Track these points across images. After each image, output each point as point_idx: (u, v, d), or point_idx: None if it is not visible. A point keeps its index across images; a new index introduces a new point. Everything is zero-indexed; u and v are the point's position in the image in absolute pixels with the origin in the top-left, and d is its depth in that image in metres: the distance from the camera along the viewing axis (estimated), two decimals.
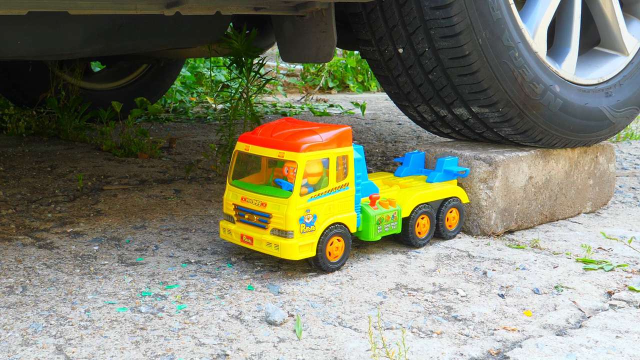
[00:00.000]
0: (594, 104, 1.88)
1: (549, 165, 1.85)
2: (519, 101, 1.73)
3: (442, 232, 1.69)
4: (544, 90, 1.76)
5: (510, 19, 1.70)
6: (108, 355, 1.11)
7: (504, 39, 1.68)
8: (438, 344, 1.19)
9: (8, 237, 1.66)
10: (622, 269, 1.56)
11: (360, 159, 1.52)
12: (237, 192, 1.48)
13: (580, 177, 1.94)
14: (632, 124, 3.62)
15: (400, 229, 1.58)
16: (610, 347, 1.19)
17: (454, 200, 1.69)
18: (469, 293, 1.41)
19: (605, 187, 2.02)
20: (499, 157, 1.73)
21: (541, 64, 1.77)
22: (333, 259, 1.47)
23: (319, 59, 1.79)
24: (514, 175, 1.77)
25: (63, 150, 2.64)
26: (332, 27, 1.72)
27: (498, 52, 1.68)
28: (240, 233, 1.47)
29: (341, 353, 1.14)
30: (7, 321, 1.22)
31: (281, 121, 1.52)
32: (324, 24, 1.73)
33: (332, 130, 1.45)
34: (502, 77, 1.70)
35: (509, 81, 1.70)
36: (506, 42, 1.69)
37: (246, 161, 1.51)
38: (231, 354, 1.13)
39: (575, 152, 1.91)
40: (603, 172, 2.00)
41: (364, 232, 1.52)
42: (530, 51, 1.74)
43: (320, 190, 1.42)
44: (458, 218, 1.71)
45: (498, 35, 1.67)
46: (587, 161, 1.95)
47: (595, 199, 2.00)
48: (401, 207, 1.57)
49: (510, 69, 1.70)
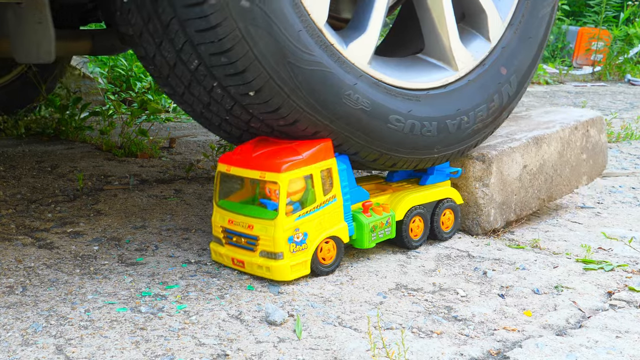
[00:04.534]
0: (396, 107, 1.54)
1: (541, 150, 1.84)
2: (278, 76, 1.36)
3: (437, 233, 1.68)
4: (314, 62, 1.39)
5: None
6: (108, 355, 1.11)
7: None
8: (438, 344, 1.19)
9: (8, 237, 1.66)
10: (622, 269, 1.56)
11: (346, 168, 1.49)
12: (225, 214, 1.46)
13: (574, 153, 1.94)
14: (632, 124, 3.62)
15: (394, 234, 1.58)
16: (610, 347, 1.19)
17: (448, 202, 1.69)
18: (469, 293, 1.41)
19: (599, 158, 2.03)
20: (491, 152, 1.74)
21: (316, 33, 1.39)
22: (325, 262, 1.46)
23: (41, 58, 1.53)
24: (508, 167, 1.77)
25: (63, 150, 2.64)
26: (48, 17, 1.48)
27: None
28: (231, 256, 1.45)
29: (341, 353, 1.14)
30: (7, 321, 1.22)
31: (262, 138, 1.49)
32: (39, 13, 1.49)
33: (312, 147, 1.42)
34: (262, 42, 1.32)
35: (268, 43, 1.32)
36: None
37: (230, 180, 1.49)
38: (231, 354, 1.13)
39: (566, 130, 1.91)
40: (595, 144, 2.00)
41: (358, 240, 1.51)
42: (303, 14, 1.36)
43: (307, 207, 1.41)
44: (453, 219, 1.71)
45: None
46: (578, 137, 1.94)
47: (590, 171, 2.01)
48: (394, 212, 1.57)
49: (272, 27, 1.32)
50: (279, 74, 1.35)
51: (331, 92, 1.41)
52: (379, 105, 1.50)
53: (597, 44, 6.42)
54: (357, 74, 1.47)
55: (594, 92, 5.32)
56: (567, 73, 6.25)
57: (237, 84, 1.36)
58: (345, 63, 1.45)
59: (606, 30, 6.54)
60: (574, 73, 6.45)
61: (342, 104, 1.43)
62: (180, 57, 1.37)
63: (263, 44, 1.32)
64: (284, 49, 1.34)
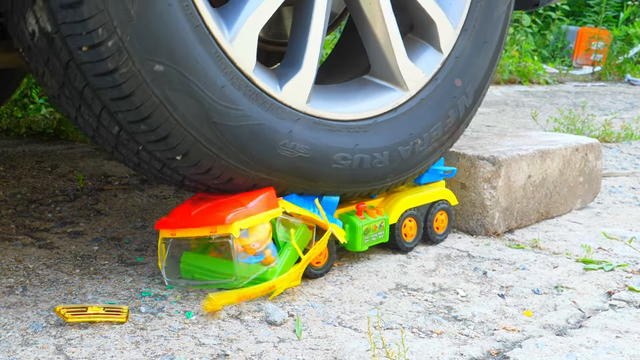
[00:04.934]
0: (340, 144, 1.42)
1: (545, 164, 1.86)
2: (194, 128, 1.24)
3: (430, 235, 1.65)
4: (242, 117, 1.28)
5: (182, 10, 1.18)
6: (108, 355, 1.11)
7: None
8: (438, 344, 1.19)
9: (8, 237, 1.66)
10: (622, 269, 1.56)
11: (335, 201, 1.46)
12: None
13: (572, 174, 1.95)
14: (632, 124, 3.61)
15: (387, 238, 1.55)
16: (610, 347, 1.19)
17: (442, 203, 1.67)
18: (469, 293, 1.41)
19: (594, 184, 2.05)
20: (502, 156, 1.74)
21: (244, 83, 1.28)
22: (317, 264, 1.44)
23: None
24: (515, 174, 1.77)
25: (63, 150, 2.64)
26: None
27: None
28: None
29: (341, 353, 1.14)
30: (7, 321, 1.22)
31: (193, 198, 1.40)
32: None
33: (256, 197, 1.34)
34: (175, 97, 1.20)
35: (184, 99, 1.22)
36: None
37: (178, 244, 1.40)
38: (231, 354, 1.13)
39: (568, 150, 1.92)
40: (592, 169, 2.02)
41: (351, 243, 1.48)
42: (222, 60, 1.25)
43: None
44: (447, 221, 1.69)
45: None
46: (578, 159, 1.96)
47: (585, 195, 2.03)
48: (388, 216, 1.54)
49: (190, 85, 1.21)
50: (205, 136, 1.25)
51: (264, 145, 1.31)
52: (321, 147, 1.39)
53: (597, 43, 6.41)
54: (294, 117, 1.35)
55: (594, 92, 5.32)
56: (567, 73, 6.25)
57: (161, 150, 1.26)
58: (280, 108, 1.33)
59: (606, 30, 6.54)
60: (573, 73, 6.45)
61: (277, 155, 1.33)
62: (101, 122, 1.26)
63: (183, 107, 1.21)
64: (206, 109, 1.23)
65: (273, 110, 1.33)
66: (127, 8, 1.13)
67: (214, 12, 1.26)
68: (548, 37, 6.98)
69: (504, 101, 4.59)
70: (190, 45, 1.20)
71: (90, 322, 1.20)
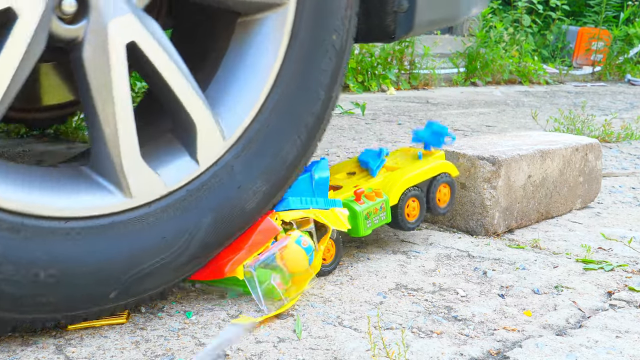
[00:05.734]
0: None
1: (545, 164, 1.86)
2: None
3: (432, 209, 1.63)
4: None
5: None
6: (108, 355, 1.11)
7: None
8: (438, 344, 1.19)
9: None
10: (622, 269, 1.56)
11: (325, 178, 1.46)
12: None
13: (572, 174, 1.96)
14: (632, 124, 3.62)
15: (390, 219, 1.54)
16: (610, 347, 1.19)
17: (444, 177, 1.65)
18: (469, 293, 1.41)
19: (594, 185, 2.05)
20: (502, 156, 1.74)
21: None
22: (323, 261, 1.44)
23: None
24: (515, 174, 1.77)
25: (63, 150, 2.64)
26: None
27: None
28: None
29: (341, 353, 1.14)
30: None
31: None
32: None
33: (252, 234, 1.30)
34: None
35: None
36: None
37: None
38: (231, 354, 1.13)
39: (568, 150, 1.93)
40: (592, 169, 2.03)
41: (354, 229, 1.48)
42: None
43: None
44: (450, 194, 1.67)
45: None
46: (578, 159, 1.96)
47: (585, 195, 2.03)
48: (388, 196, 1.53)
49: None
50: None
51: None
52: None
53: (597, 44, 6.42)
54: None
55: (594, 92, 5.33)
56: (567, 73, 6.26)
57: None
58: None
59: (606, 30, 6.55)
60: (574, 73, 6.46)
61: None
62: None
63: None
64: None
65: None
66: None
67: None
68: (548, 37, 6.99)
69: (504, 101, 4.60)
70: None
71: (90, 326, 1.20)
